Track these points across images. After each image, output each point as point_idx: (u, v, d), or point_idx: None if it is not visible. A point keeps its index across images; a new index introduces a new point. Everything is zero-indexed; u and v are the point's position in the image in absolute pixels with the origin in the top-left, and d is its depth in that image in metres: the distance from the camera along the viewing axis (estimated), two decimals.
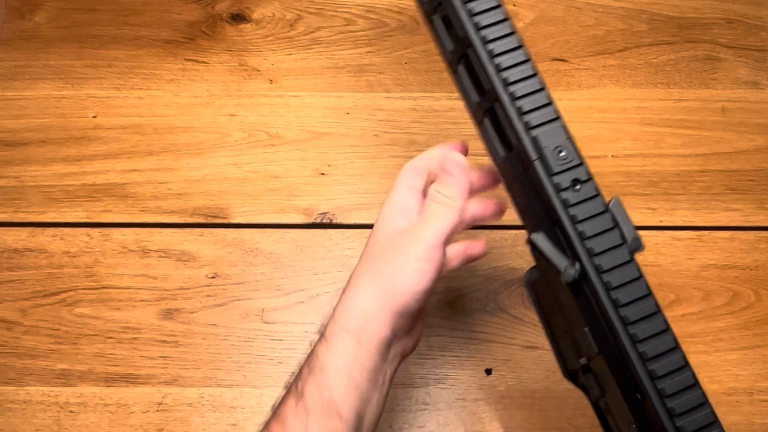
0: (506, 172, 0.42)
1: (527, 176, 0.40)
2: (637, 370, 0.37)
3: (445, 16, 0.43)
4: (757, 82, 0.72)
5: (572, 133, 0.67)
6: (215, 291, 0.64)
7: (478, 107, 0.43)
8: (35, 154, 0.69)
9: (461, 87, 0.44)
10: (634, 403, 0.38)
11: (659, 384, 0.37)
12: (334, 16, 0.75)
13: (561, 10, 0.75)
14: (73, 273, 0.65)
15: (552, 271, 0.40)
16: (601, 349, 0.39)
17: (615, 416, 0.41)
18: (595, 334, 0.39)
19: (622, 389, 0.39)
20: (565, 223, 0.39)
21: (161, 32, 0.74)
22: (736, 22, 0.75)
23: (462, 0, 0.41)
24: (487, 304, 0.63)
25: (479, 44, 0.40)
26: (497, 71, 0.40)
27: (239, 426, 0.60)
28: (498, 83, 0.40)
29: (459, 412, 0.61)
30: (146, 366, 0.62)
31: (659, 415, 0.36)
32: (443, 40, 0.44)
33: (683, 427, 0.36)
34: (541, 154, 0.39)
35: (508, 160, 0.41)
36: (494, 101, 0.41)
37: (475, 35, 0.40)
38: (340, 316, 0.41)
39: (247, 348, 0.63)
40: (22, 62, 0.73)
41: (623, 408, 0.39)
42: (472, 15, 0.40)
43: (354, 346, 0.39)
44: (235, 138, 0.70)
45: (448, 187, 0.42)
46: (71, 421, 0.60)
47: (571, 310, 0.40)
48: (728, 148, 0.69)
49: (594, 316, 0.39)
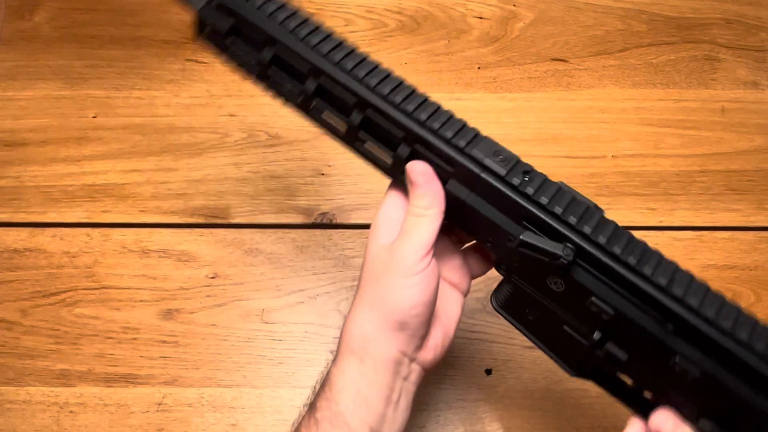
0: (450, 203, 0.43)
1: (477, 193, 0.42)
2: (664, 301, 0.38)
3: (328, 96, 0.45)
4: (757, 83, 0.72)
5: (571, 133, 0.68)
6: (215, 291, 0.64)
7: (397, 161, 0.44)
8: (35, 154, 0.69)
9: (371, 155, 0.45)
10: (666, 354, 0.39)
11: (694, 305, 0.38)
12: (334, 17, 0.75)
13: (561, 10, 0.75)
14: (73, 273, 0.65)
15: (540, 267, 0.40)
16: (616, 310, 0.39)
17: (642, 378, 0.42)
18: (605, 297, 0.39)
19: (650, 341, 0.39)
20: (537, 212, 0.40)
21: (161, 32, 0.74)
22: (735, 23, 0.75)
23: (348, 73, 0.44)
24: (487, 304, 0.63)
25: (381, 102, 0.43)
26: (407, 115, 0.42)
27: (239, 426, 0.60)
28: (415, 127, 0.42)
29: (459, 412, 0.61)
30: (146, 366, 0.62)
31: (709, 335, 0.37)
32: (335, 129, 0.46)
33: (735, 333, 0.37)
34: (484, 166, 0.41)
35: (447, 191, 0.42)
36: (414, 143, 0.43)
37: (372, 96, 0.43)
38: (345, 338, 0.42)
39: (247, 348, 0.63)
40: (22, 62, 0.73)
41: (654, 363, 0.40)
42: (360, 80, 0.44)
43: (358, 365, 0.40)
44: (235, 138, 0.70)
45: (421, 198, 0.41)
46: (71, 421, 0.60)
47: (565, 295, 0.41)
48: (728, 148, 0.69)
49: (598, 283, 0.40)
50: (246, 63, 0.48)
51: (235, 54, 0.48)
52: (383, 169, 0.45)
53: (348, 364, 0.41)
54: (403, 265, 0.40)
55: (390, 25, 0.75)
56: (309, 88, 0.45)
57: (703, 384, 0.39)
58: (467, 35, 0.74)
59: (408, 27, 0.75)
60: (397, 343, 0.41)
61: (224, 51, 0.49)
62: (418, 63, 0.73)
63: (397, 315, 0.40)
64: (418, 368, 0.43)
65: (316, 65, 0.44)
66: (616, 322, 0.40)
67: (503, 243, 0.42)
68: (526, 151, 0.69)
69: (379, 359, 0.40)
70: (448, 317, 0.45)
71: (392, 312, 0.40)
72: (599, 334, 0.41)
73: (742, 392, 0.38)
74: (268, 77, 0.48)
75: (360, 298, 0.42)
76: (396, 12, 0.75)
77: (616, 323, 0.40)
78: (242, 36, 0.47)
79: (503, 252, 0.42)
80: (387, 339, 0.40)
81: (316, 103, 0.46)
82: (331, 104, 0.45)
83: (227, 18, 0.47)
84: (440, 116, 0.43)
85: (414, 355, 0.42)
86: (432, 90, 0.72)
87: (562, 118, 0.70)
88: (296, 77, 0.46)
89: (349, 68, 0.44)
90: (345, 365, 0.41)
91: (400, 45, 0.74)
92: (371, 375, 0.40)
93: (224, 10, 0.47)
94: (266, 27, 0.45)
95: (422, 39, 0.74)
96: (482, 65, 0.73)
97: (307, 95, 0.46)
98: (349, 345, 0.41)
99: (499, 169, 0.41)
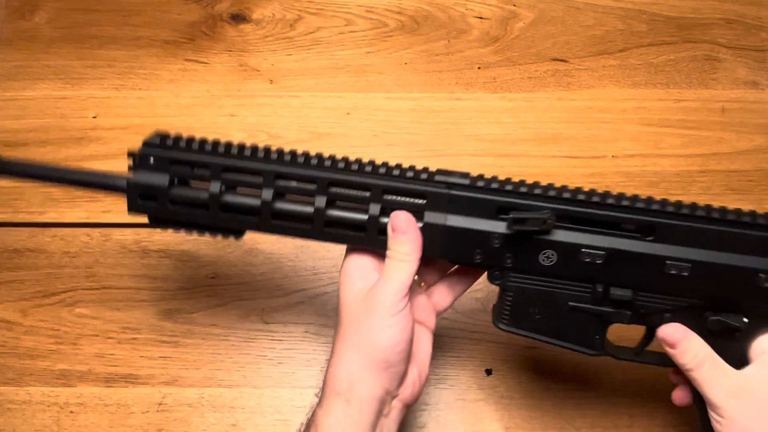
0: (429, 240, 0.46)
1: (453, 212, 0.46)
2: (639, 217, 0.45)
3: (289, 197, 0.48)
4: (757, 82, 0.72)
5: (571, 133, 0.68)
6: (215, 291, 0.64)
7: (370, 221, 0.46)
8: (35, 154, 0.69)
9: (341, 235, 0.48)
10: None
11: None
12: (334, 17, 0.75)
13: (561, 10, 0.75)
14: (73, 273, 0.65)
15: (530, 247, 0.46)
16: (604, 249, 0.46)
17: (647, 306, 0.47)
18: (592, 243, 0.46)
19: (640, 262, 0.46)
20: (511, 199, 0.46)
21: (161, 32, 0.74)
22: (735, 23, 0.75)
23: (301, 166, 0.47)
24: (487, 304, 0.63)
25: (344, 176, 0.46)
26: (370, 175, 0.46)
27: (239, 426, 0.60)
28: (382, 180, 0.46)
29: (459, 412, 0.61)
30: (146, 366, 0.62)
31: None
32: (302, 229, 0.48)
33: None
34: (450, 183, 0.46)
35: (427, 224, 0.46)
36: (383, 194, 0.46)
37: (334, 174, 0.46)
38: (330, 381, 0.45)
39: (247, 348, 0.63)
40: (22, 62, 0.73)
41: (651, 281, 0.46)
42: (317, 166, 0.47)
43: (344, 406, 0.43)
44: (236, 138, 0.70)
45: (402, 244, 0.45)
46: (71, 421, 0.60)
47: (560, 264, 0.46)
48: (728, 148, 0.69)
49: (581, 234, 0.46)
50: (198, 215, 0.48)
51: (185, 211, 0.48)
52: (356, 240, 0.47)
53: (334, 406, 0.44)
54: (384, 305, 0.44)
55: (390, 25, 0.75)
56: (266, 197, 0.47)
57: (697, 275, 0.45)
58: (467, 35, 0.74)
59: (408, 27, 0.75)
60: (382, 381, 0.44)
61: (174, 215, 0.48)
62: (418, 63, 0.73)
63: (382, 354, 0.44)
64: (399, 405, 0.46)
65: (268, 170, 0.47)
66: (608, 264, 0.46)
67: (491, 245, 0.46)
68: (526, 151, 0.70)
69: (365, 398, 0.43)
70: (421, 354, 0.49)
71: (377, 351, 0.44)
72: (601, 285, 0.47)
73: (729, 260, 0.45)
74: (227, 210, 0.48)
75: (342, 341, 0.45)
76: (396, 12, 0.75)
77: (609, 264, 0.46)
78: (184, 185, 0.48)
79: (494, 255, 0.46)
80: (373, 377, 0.44)
81: (280, 208, 0.47)
82: (294, 205, 0.47)
83: (162, 174, 0.48)
84: (392, 166, 0.47)
85: (396, 392, 0.46)
86: (432, 90, 0.72)
87: (562, 118, 0.70)
88: (247, 212, 0.48)
89: (302, 161, 0.47)
90: (331, 407, 0.44)
91: (400, 45, 0.74)
92: (356, 416, 0.43)
93: (159, 165, 0.48)
94: (206, 158, 0.48)
95: (422, 39, 0.74)
96: (482, 65, 0.73)
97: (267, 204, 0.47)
98: (335, 387, 0.44)
99: (463, 180, 0.46)
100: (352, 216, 0.47)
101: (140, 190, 0.48)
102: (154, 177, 0.48)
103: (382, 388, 0.44)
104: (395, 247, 0.45)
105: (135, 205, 0.48)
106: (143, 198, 0.48)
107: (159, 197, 0.48)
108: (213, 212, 0.47)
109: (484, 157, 0.69)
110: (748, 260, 0.46)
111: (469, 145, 0.69)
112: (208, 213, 0.48)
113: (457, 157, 0.69)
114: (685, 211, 0.45)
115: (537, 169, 0.68)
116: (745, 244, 0.45)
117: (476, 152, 0.69)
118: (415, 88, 0.72)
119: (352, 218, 0.47)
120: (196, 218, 0.48)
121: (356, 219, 0.47)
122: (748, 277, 0.46)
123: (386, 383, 0.44)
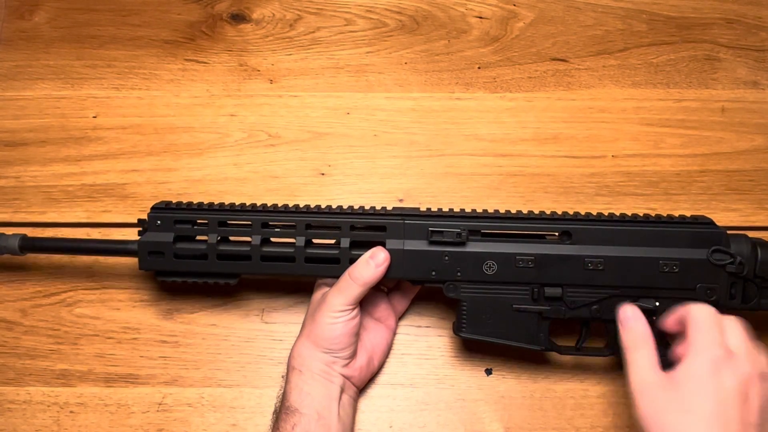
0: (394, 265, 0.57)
1: (407, 237, 0.56)
2: (557, 225, 0.56)
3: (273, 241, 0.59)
4: (757, 82, 0.72)
5: (571, 133, 0.68)
6: (215, 291, 0.64)
7: (343, 253, 0.57)
8: (35, 154, 0.69)
9: (319, 269, 0.58)
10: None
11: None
12: (334, 16, 0.75)
13: (561, 10, 0.75)
14: (73, 273, 0.65)
15: (473, 260, 0.56)
16: (534, 255, 0.56)
17: (578, 302, 0.56)
18: (523, 251, 0.56)
19: (564, 263, 0.56)
20: (440, 222, 0.56)
21: (161, 32, 0.74)
22: (735, 22, 0.75)
23: (256, 213, 0.58)
24: None
25: (317, 217, 0.57)
26: (343, 215, 0.57)
27: (239, 426, 0.60)
28: (352, 217, 0.57)
29: (459, 412, 0.61)
30: (146, 366, 0.62)
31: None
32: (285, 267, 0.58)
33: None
34: (404, 214, 0.57)
35: (389, 250, 0.56)
36: (352, 230, 0.57)
37: (301, 216, 0.58)
38: (290, 360, 0.58)
39: (247, 348, 0.63)
40: (22, 62, 0.73)
41: (575, 277, 0.56)
42: (295, 212, 0.58)
43: (299, 375, 0.56)
44: (235, 138, 0.70)
45: (364, 269, 0.55)
46: (71, 421, 0.60)
47: (500, 272, 0.56)
48: (728, 148, 0.69)
49: (513, 245, 0.56)
50: (198, 265, 0.58)
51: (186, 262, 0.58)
52: (332, 271, 0.57)
53: (292, 376, 0.57)
54: (330, 309, 0.56)
55: (390, 24, 0.75)
56: (255, 242, 0.57)
57: (610, 268, 0.55)
58: (467, 35, 0.74)
59: (408, 27, 0.75)
60: (324, 359, 0.56)
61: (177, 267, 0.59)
62: (418, 63, 0.73)
63: (324, 342, 0.56)
64: (346, 380, 0.57)
65: (256, 219, 0.57)
66: (539, 267, 0.56)
67: (441, 262, 0.56)
68: (526, 151, 0.70)
69: (313, 370, 0.56)
70: (374, 345, 0.60)
71: (321, 339, 0.56)
72: (536, 286, 0.56)
73: (635, 253, 0.55)
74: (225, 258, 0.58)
75: (301, 332, 0.59)
76: (396, 12, 0.75)
77: (540, 267, 0.56)
78: (185, 240, 0.58)
79: (445, 270, 0.56)
80: (317, 357, 0.56)
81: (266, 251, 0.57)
82: (279, 248, 0.58)
83: (168, 233, 0.58)
84: (356, 209, 0.58)
85: (341, 370, 0.57)
86: (432, 90, 0.72)
87: (562, 117, 0.70)
88: (240, 258, 0.58)
89: (282, 210, 0.58)
90: (289, 377, 0.57)
91: (400, 45, 0.74)
92: (309, 380, 0.56)
93: (165, 225, 0.58)
94: (204, 215, 0.58)
95: (422, 39, 0.74)
96: (482, 65, 0.73)
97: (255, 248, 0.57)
98: (292, 363, 0.57)
99: (414, 211, 0.57)
100: (327, 252, 0.57)
101: (149, 247, 0.58)
102: (161, 236, 0.57)
103: (324, 364, 0.56)
104: (356, 268, 0.56)
105: (145, 262, 0.58)
106: (152, 254, 0.58)
107: (165, 252, 0.57)
108: (211, 261, 0.57)
109: (484, 157, 0.69)
110: (651, 251, 0.55)
111: (469, 145, 0.70)
112: (207, 262, 0.57)
113: (457, 157, 0.69)
114: (593, 217, 0.56)
115: (537, 169, 0.68)
116: (646, 238, 0.55)
117: (476, 152, 0.69)
118: (415, 88, 0.72)
119: (327, 253, 0.57)
120: (197, 268, 0.58)
121: (330, 254, 0.57)
122: (652, 265, 0.55)
123: (328, 362, 0.56)
